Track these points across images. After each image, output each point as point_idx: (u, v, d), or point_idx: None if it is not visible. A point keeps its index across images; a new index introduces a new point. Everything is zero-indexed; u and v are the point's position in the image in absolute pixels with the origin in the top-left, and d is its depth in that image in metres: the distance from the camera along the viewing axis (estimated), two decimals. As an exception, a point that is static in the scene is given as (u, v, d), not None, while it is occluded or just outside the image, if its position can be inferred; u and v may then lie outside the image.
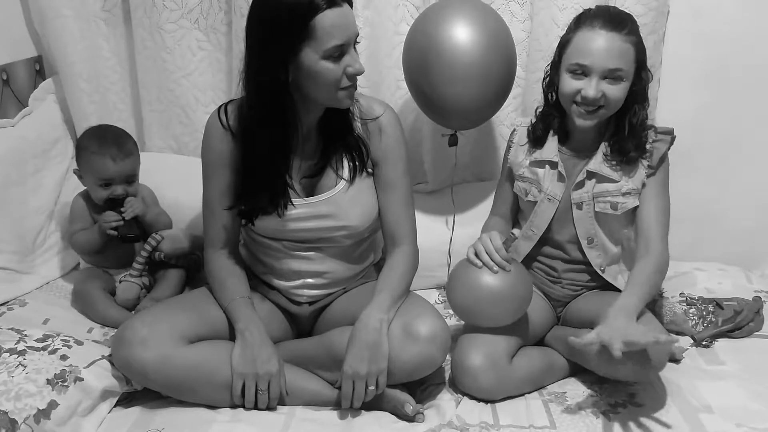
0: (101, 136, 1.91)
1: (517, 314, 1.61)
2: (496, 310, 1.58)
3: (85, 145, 1.90)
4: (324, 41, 1.40)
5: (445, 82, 1.76)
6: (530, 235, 1.74)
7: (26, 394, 1.38)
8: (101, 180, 1.88)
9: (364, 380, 1.47)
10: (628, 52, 1.55)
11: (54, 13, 2.12)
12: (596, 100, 1.56)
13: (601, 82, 1.56)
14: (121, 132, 1.96)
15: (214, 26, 2.14)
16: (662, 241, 1.64)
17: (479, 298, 1.58)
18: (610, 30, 1.54)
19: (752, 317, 1.82)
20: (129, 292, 1.90)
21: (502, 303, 1.58)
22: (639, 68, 1.59)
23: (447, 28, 1.74)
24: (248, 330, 1.54)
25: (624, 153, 1.63)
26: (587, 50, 1.55)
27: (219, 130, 1.57)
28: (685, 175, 1.75)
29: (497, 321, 1.59)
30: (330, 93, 1.47)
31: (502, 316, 1.59)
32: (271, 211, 1.56)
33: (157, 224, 1.97)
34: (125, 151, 1.89)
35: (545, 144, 1.70)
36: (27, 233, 2.03)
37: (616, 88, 1.56)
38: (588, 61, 1.55)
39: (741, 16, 2.05)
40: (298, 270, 1.65)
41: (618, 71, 1.55)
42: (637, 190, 1.65)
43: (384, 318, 1.51)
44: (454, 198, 2.04)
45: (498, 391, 1.57)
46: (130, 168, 1.91)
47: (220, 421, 1.48)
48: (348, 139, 1.59)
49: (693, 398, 1.56)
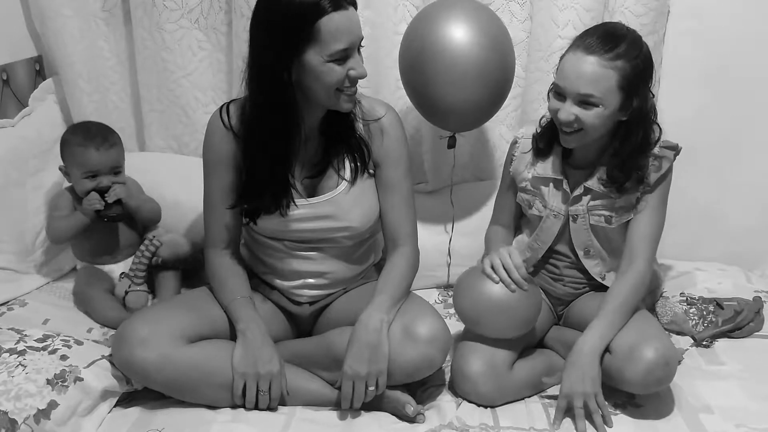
0: (85, 128, 1.92)
1: (524, 330, 1.60)
2: (505, 324, 1.57)
3: (68, 138, 1.91)
4: (328, 44, 1.40)
5: (441, 84, 1.75)
6: (536, 247, 1.73)
7: (26, 394, 1.37)
8: (86, 171, 1.88)
9: (364, 381, 1.47)
10: (605, 78, 1.48)
11: (54, 13, 2.12)
12: (569, 123, 1.54)
13: (574, 106, 1.52)
14: (105, 126, 1.97)
15: (214, 26, 2.13)
16: (646, 260, 1.62)
17: (490, 310, 1.57)
18: (591, 53, 1.49)
19: (752, 317, 1.82)
20: (138, 302, 1.90)
21: (512, 319, 1.57)
22: (629, 95, 1.51)
23: (443, 29, 1.73)
24: (249, 330, 1.54)
25: (617, 182, 1.60)
26: (564, 73, 1.53)
27: (221, 130, 1.57)
28: (685, 175, 1.75)
29: (503, 334, 1.59)
30: (330, 95, 1.47)
31: (509, 331, 1.58)
32: (274, 211, 1.56)
33: (143, 209, 1.97)
34: (110, 141, 1.90)
35: (549, 157, 1.68)
36: (27, 233, 2.03)
37: (589, 114, 1.51)
38: (563, 83, 1.53)
39: (741, 16, 2.05)
40: (299, 270, 1.65)
41: (590, 97, 1.50)
42: (631, 205, 1.64)
43: (384, 319, 1.51)
44: (453, 198, 2.04)
45: (498, 397, 1.56)
46: (115, 158, 1.91)
47: (221, 421, 1.48)
48: (350, 140, 1.59)
49: (693, 398, 1.56)
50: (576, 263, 1.73)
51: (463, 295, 1.60)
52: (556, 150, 1.68)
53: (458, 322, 1.88)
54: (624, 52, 1.49)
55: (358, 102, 1.58)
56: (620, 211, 1.64)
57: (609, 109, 1.52)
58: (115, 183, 1.90)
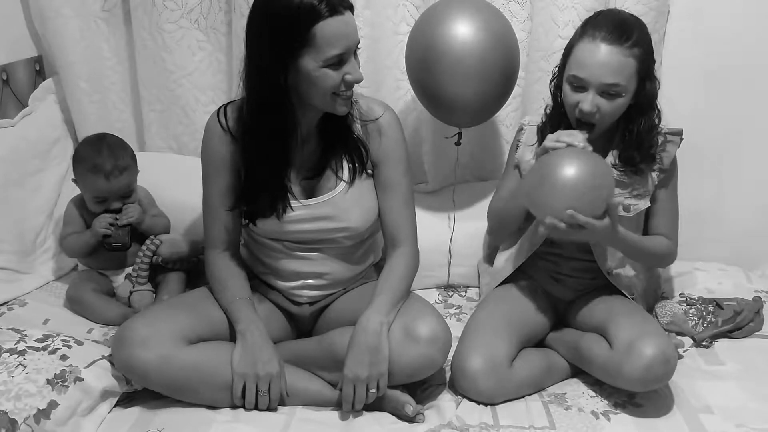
0: (96, 150, 1.86)
1: (600, 201, 1.43)
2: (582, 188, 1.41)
3: (80, 157, 1.89)
4: (323, 50, 1.39)
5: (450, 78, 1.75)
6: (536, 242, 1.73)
7: (26, 394, 1.37)
8: (95, 196, 1.89)
9: (365, 384, 1.47)
10: (627, 66, 1.53)
11: (54, 13, 2.12)
12: (592, 114, 1.56)
13: (597, 96, 1.54)
14: (118, 144, 1.92)
15: (214, 26, 2.13)
16: (676, 242, 1.73)
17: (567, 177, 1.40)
18: (610, 43, 1.52)
19: (752, 317, 1.82)
20: (143, 301, 1.89)
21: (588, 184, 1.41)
22: (643, 79, 1.56)
23: (451, 25, 1.73)
24: (249, 331, 1.54)
25: (632, 164, 1.63)
26: (585, 64, 1.54)
27: (218, 132, 1.56)
28: (685, 175, 1.75)
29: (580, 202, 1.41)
30: (326, 99, 1.47)
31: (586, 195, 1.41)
32: (270, 215, 1.56)
33: (154, 229, 1.97)
34: (120, 167, 1.86)
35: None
36: (27, 233, 2.03)
37: (612, 104, 1.55)
38: (585, 74, 1.54)
39: (741, 16, 2.05)
40: (299, 271, 1.65)
41: (615, 86, 1.53)
42: (648, 191, 1.65)
43: (384, 321, 1.51)
44: (454, 196, 2.04)
45: (498, 394, 1.56)
46: (126, 184, 1.89)
47: (220, 421, 1.48)
48: (347, 141, 1.59)
49: (693, 398, 1.56)
50: (578, 259, 1.73)
51: (534, 182, 1.45)
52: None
53: (458, 322, 1.89)
54: (638, 39, 1.54)
55: (356, 102, 1.58)
56: (637, 198, 1.65)
57: (628, 96, 1.56)
58: (128, 204, 1.89)
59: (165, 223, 2.01)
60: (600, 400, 1.58)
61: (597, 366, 1.59)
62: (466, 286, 2.10)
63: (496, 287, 1.81)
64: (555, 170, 1.41)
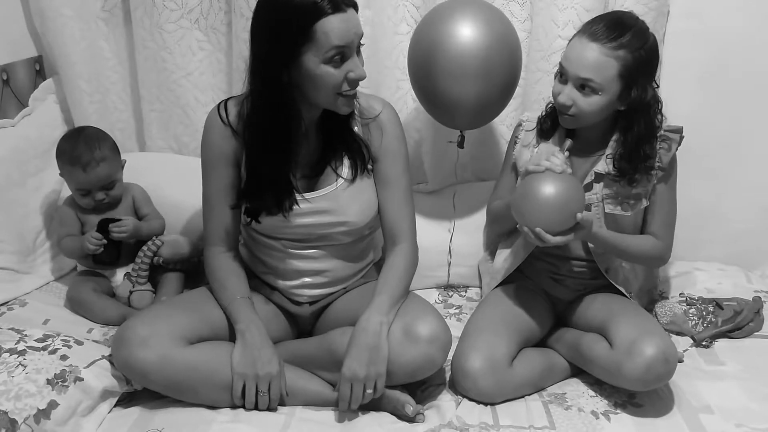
0: (72, 143, 1.87)
1: (569, 221, 1.52)
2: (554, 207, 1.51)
3: (59, 151, 1.90)
4: (325, 47, 1.40)
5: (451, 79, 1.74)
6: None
7: (26, 394, 1.38)
8: (77, 189, 1.89)
9: (363, 383, 1.47)
10: (607, 66, 1.52)
11: (54, 13, 2.12)
12: (565, 106, 1.57)
13: (574, 90, 1.56)
14: (95, 136, 1.91)
15: (214, 26, 2.13)
16: (669, 246, 1.71)
17: (540, 196, 1.51)
18: (594, 40, 1.53)
19: (752, 317, 1.82)
20: (143, 301, 1.90)
21: (560, 204, 1.51)
22: (629, 85, 1.54)
23: (453, 26, 1.73)
24: (249, 331, 1.54)
25: (625, 174, 1.63)
26: (568, 56, 1.57)
27: (219, 127, 1.57)
28: (684, 175, 1.75)
29: (549, 221, 1.52)
30: (329, 97, 1.47)
31: (556, 216, 1.51)
32: (276, 213, 1.56)
33: (150, 233, 1.96)
34: (97, 158, 1.85)
35: (552, 139, 1.70)
36: (27, 233, 2.03)
37: (587, 100, 1.55)
38: (565, 64, 1.57)
39: (741, 16, 2.05)
40: (298, 269, 1.65)
41: (590, 82, 1.53)
42: (647, 191, 1.65)
43: (384, 321, 1.51)
44: (454, 198, 2.04)
45: (498, 394, 1.56)
46: (105, 175, 1.88)
47: (220, 421, 1.48)
48: (347, 139, 1.59)
49: (693, 398, 1.56)
50: (577, 258, 1.73)
51: (518, 196, 1.56)
52: (560, 133, 1.69)
53: (458, 322, 1.89)
54: (627, 43, 1.52)
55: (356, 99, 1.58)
56: (637, 197, 1.66)
57: (607, 96, 1.55)
58: (122, 222, 1.88)
59: (159, 225, 2.01)
60: (600, 400, 1.58)
61: (597, 365, 1.59)
62: (466, 286, 2.10)
63: (496, 287, 1.81)
64: (532, 190, 1.52)
